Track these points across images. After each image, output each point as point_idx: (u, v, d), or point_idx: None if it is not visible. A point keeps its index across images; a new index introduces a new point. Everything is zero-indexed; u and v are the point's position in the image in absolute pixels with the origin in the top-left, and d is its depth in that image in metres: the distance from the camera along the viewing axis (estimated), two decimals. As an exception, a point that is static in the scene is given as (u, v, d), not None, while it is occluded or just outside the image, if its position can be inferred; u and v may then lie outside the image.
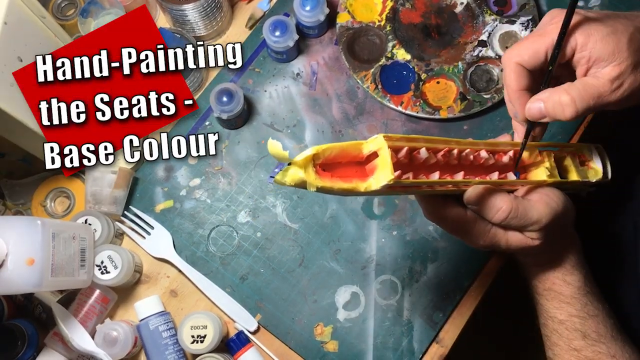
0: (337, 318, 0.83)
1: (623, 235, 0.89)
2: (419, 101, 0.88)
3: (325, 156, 0.55)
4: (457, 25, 0.92)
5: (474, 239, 0.65)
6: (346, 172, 0.57)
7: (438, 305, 0.83)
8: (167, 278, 0.86)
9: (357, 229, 0.86)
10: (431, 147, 0.60)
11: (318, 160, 0.55)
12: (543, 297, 0.72)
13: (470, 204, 0.62)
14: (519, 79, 0.64)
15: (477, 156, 0.64)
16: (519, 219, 0.63)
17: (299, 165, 0.53)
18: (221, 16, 0.91)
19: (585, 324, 0.70)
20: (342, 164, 0.57)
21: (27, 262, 0.66)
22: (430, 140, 0.60)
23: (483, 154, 0.64)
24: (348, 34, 0.91)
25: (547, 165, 0.68)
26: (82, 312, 0.80)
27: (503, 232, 0.66)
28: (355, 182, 0.56)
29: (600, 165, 0.72)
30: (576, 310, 0.70)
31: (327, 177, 0.55)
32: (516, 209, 0.63)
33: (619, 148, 0.96)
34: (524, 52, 0.62)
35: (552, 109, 0.62)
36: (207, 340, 0.78)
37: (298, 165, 0.53)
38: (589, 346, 0.70)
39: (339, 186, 0.55)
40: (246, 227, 0.87)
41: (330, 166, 0.57)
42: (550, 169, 0.68)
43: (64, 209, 0.87)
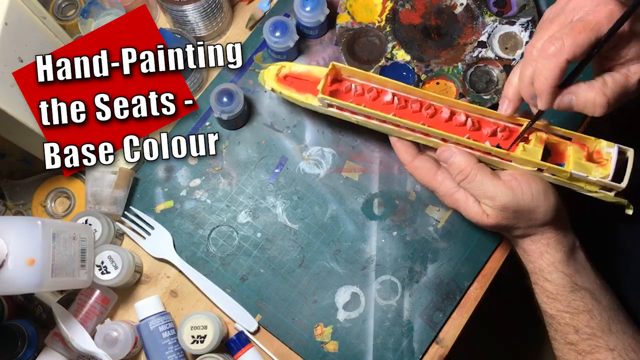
0: (337, 318, 0.83)
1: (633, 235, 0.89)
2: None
3: (291, 70, 0.79)
4: (457, 26, 0.92)
5: (440, 197, 0.72)
6: (307, 89, 0.77)
7: (438, 305, 0.83)
8: (167, 278, 0.86)
9: (357, 230, 0.86)
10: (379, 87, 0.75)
11: (286, 72, 0.79)
12: (534, 290, 0.74)
13: (438, 156, 0.70)
14: (561, 74, 0.61)
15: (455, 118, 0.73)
16: (473, 187, 0.68)
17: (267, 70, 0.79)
18: (221, 17, 0.91)
19: (575, 318, 0.70)
20: (309, 81, 0.78)
21: (28, 262, 0.66)
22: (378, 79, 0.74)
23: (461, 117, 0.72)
24: (348, 35, 0.91)
25: (530, 145, 0.69)
26: (83, 312, 0.80)
27: (465, 199, 0.69)
28: (307, 95, 0.76)
29: (614, 167, 0.67)
30: (564, 306, 0.71)
31: (284, 85, 0.79)
32: (473, 175, 0.67)
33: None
34: (578, 50, 0.60)
35: (584, 105, 0.62)
36: (207, 340, 0.78)
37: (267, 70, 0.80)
38: (583, 340, 0.70)
39: (290, 94, 0.78)
40: (246, 227, 0.87)
41: (297, 80, 0.79)
42: (529, 147, 0.68)
43: (64, 209, 0.87)
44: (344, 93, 0.75)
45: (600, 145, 0.69)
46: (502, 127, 0.72)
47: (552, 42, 0.60)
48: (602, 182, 0.68)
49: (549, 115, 0.85)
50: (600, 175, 0.68)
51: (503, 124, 0.72)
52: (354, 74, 0.75)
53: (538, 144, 0.69)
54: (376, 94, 0.75)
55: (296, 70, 0.79)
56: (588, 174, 0.68)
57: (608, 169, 0.68)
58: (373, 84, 0.75)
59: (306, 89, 0.77)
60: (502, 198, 0.67)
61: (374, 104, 0.75)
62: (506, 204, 0.67)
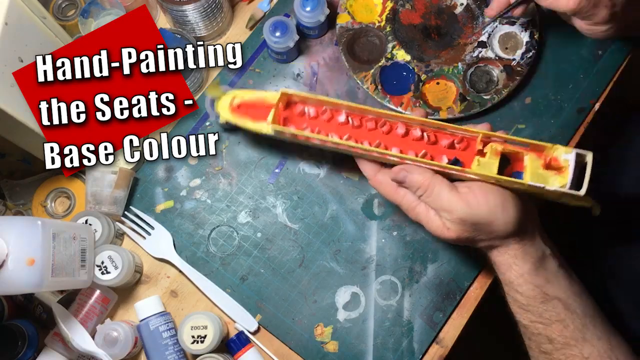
0: (337, 318, 0.83)
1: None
2: (418, 102, 0.88)
3: (244, 99, 0.77)
4: (457, 26, 0.92)
5: (403, 210, 0.72)
6: (264, 116, 0.74)
7: (438, 305, 0.83)
8: (167, 278, 0.86)
9: (357, 230, 0.86)
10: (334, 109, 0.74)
11: (239, 101, 0.77)
12: (507, 300, 0.73)
13: (394, 180, 0.71)
14: None
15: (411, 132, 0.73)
16: (431, 200, 0.68)
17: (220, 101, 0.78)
18: (221, 17, 0.91)
19: (548, 329, 0.70)
20: (264, 107, 0.75)
21: (28, 262, 0.66)
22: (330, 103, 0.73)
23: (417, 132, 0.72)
24: (348, 35, 0.91)
25: (485, 158, 0.68)
26: (83, 312, 0.80)
27: (425, 212, 0.70)
28: (261, 124, 0.74)
29: (571, 174, 0.66)
30: (536, 317, 0.70)
31: (238, 114, 0.77)
32: (431, 189, 0.68)
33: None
34: None
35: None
36: (207, 340, 0.78)
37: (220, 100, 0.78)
38: (557, 350, 0.70)
39: (244, 124, 0.76)
40: (246, 227, 0.87)
41: (251, 108, 0.77)
42: (484, 161, 0.68)
43: (64, 209, 0.87)
44: (297, 117, 0.75)
45: (557, 151, 0.67)
46: (459, 138, 0.71)
47: None
48: (560, 191, 0.66)
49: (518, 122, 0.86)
50: (558, 185, 0.66)
51: (460, 136, 0.71)
52: (305, 100, 0.74)
53: (493, 156, 0.68)
54: (330, 115, 0.74)
55: (249, 98, 0.77)
56: (545, 183, 0.66)
57: (566, 177, 0.66)
58: (326, 106, 0.74)
59: (260, 116, 0.75)
60: (459, 212, 0.66)
61: (329, 125, 0.74)
62: (463, 217, 0.66)
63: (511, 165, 0.71)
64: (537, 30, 0.89)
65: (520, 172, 0.70)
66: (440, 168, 0.69)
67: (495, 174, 0.67)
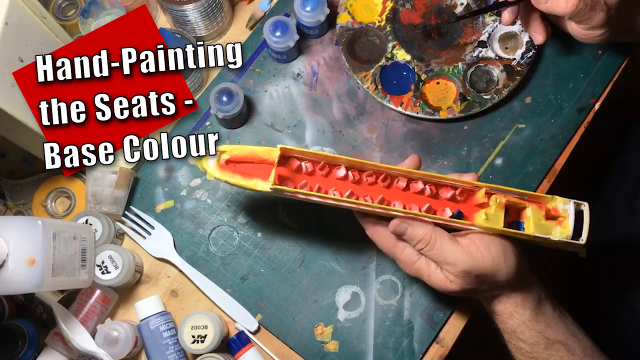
0: (338, 318, 0.83)
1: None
2: (419, 102, 0.88)
3: (233, 155, 0.70)
4: (457, 26, 0.92)
5: (402, 265, 0.70)
6: (256, 171, 0.69)
7: (438, 305, 0.83)
8: (167, 278, 0.86)
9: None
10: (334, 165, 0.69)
11: (227, 157, 0.70)
12: (509, 348, 0.73)
13: (393, 233, 0.68)
14: None
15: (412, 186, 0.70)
16: (434, 254, 0.67)
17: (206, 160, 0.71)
18: (222, 16, 0.91)
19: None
20: (254, 164, 0.70)
21: (28, 262, 0.67)
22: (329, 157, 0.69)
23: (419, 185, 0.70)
24: (348, 35, 0.91)
25: (491, 211, 0.68)
26: (83, 312, 0.80)
27: (427, 267, 0.68)
28: (255, 181, 0.68)
29: (572, 225, 0.68)
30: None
31: (228, 171, 0.70)
32: (433, 242, 0.66)
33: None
34: None
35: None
36: (207, 340, 0.78)
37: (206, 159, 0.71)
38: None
39: (237, 182, 0.69)
40: (247, 227, 0.87)
41: (241, 164, 0.70)
42: (491, 214, 0.67)
43: (64, 209, 0.87)
44: (294, 173, 0.70)
45: (556, 202, 0.69)
46: (460, 190, 0.70)
47: None
48: (564, 241, 0.68)
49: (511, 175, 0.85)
50: (561, 236, 0.68)
51: (460, 187, 0.70)
52: (303, 155, 0.69)
53: (499, 209, 0.68)
54: (328, 169, 0.70)
55: (238, 154, 0.70)
56: (549, 234, 0.68)
57: (567, 227, 0.68)
58: (323, 161, 0.70)
59: (252, 172, 0.70)
60: (462, 264, 0.65)
61: (328, 181, 0.70)
62: (467, 270, 0.65)
63: (509, 214, 0.70)
64: (537, 29, 0.89)
65: (519, 222, 0.70)
66: (446, 222, 0.68)
67: (502, 227, 0.67)
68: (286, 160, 0.70)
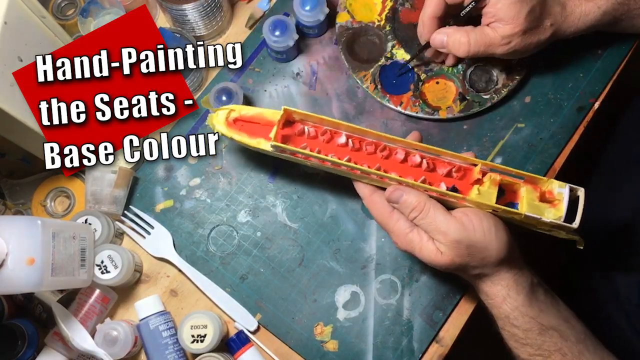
0: (337, 317, 0.83)
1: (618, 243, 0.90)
2: (418, 101, 0.88)
3: (241, 114, 0.75)
4: (457, 25, 0.92)
5: (394, 237, 0.72)
6: (261, 132, 0.74)
7: (438, 304, 0.83)
8: (167, 278, 0.86)
9: (357, 229, 0.86)
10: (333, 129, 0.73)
11: (236, 115, 0.75)
12: (503, 335, 0.73)
13: (388, 200, 0.70)
14: (438, 6, 0.80)
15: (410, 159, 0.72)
16: (427, 223, 0.68)
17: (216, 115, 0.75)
18: (221, 16, 0.91)
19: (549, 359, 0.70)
20: (260, 125, 0.74)
21: (28, 261, 0.67)
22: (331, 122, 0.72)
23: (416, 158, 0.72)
24: (348, 34, 0.91)
25: (484, 187, 0.69)
26: (82, 311, 0.80)
27: (419, 239, 0.69)
28: (259, 140, 0.74)
29: (566, 208, 0.69)
30: (534, 349, 0.70)
31: (234, 129, 0.75)
32: (426, 211, 0.67)
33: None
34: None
35: (452, 44, 0.79)
36: (207, 339, 0.78)
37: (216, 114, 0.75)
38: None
39: (241, 139, 0.74)
40: (246, 226, 0.87)
41: (247, 124, 0.75)
42: (484, 190, 0.68)
43: (64, 208, 0.87)
44: (296, 136, 0.73)
45: (552, 185, 0.70)
46: (456, 167, 0.71)
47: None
48: (555, 223, 0.68)
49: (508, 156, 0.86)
50: (553, 217, 0.68)
51: (458, 165, 0.71)
52: (307, 117, 0.73)
53: (492, 186, 0.69)
54: (330, 136, 0.73)
55: (246, 113, 0.75)
56: (541, 215, 0.68)
57: (560, 210, 0.68)
58: (326, 127, 0.73)
59: (258, 132, 0.74)
60: (454, 233, 0.66)
61: (328, 147, 0.73)
62: (459, 239, 0.66)
63: (505, 196, 0.71)
64: (536, 29, 0.89)
65: (514, 203, 0.71)
66: (440, 194, 0.69)
67: (494, 203, 0.68)
68: (291, 124, 0.74)
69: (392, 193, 0.69)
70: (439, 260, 0.68)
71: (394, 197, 0.69)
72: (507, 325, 0.71)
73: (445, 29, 0.80)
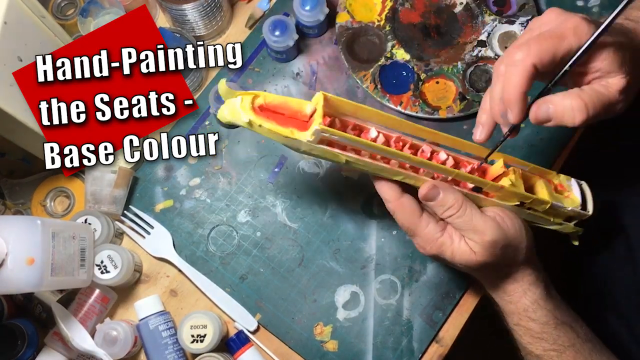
0: (337, 317, 0.83)
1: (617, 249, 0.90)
2: (418, 101, 0.88)
3: (266, 101, 0.63)
4: (457, 26, 0.92)
5: (421, 242, 0.67)
6: (287, 123, 0.63)
7: (438, 304, 0.83)
8: (166, 277, 0.86)
9: (356, 229, 0.86)
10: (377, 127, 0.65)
11: (261, 102, 0.63)
12: (515, 332, 0.72)
13: (421, 197, 0.65)
14: (530, 80, 0.60)
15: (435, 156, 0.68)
16: (464, 221, 0.64)
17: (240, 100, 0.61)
18: (221, 16, 0.91)
19: (562, 355, 0.70)
20: (285, 116, 0.63)
21: (27, 261, 0.66)
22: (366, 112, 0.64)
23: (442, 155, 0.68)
24: (347, 34, 0.91)
25: (511, 178, 0.68)
26: (82, 311, 0.80)
27: (450, 241, 0.66)
28: (292, 129, 0.62)
29: (579, 196, 0.70)
30: (549, 344, 0.70)
31: (263, 116, 0.62)
32: (463, 209, 0.64)
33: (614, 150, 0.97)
34: (544, 55, 0.59)
35: (562, 113, 0.61)
36: (207, 339, 0.78)
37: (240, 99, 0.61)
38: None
39: (272, 127, 0.61)
40: (246, 226, 0.87)
41: (272, 113, 0.63)
42: (513, 181, 0.68)
43: (63, 208, 0.87)
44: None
45: (560, 179, 0.72)
46: (476, 164, 0.69)
47: (518, 48, 0.60)
48: (576, 211, 0.70)
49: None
50: (572, 205, 0.70)
51: (476, 163, 0.70)
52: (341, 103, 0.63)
53: (519, 179, 0.68)
54: (359, 131, 0.66)
55: (272, 101, 0.63)
56: (562, 202, 0.70)
57: (575, 199, 0.70)
58: (359, 119, 0.66)
59: (285, 122, 0.63)
60: (491, 234, 0.64)
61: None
62: (495, 240, 0.64)
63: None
64: (536, 29, 0.89)
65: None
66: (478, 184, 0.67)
67: (525, 192, 0.67)
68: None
69: (429, 191, 0.64)
70: (471, 260, 0.65)
71: (431, 195, 0.64)
72: (524, 319, 0.70)
73: (548, 98, 0.62)
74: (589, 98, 0.60)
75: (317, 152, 0.62)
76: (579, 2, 0.93)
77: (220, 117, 0.63)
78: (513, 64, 0.60)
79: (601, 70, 0.61)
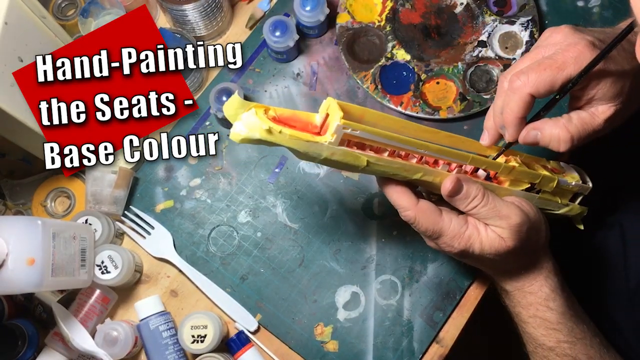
0: (337, 318, 0.83)
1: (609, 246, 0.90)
2: (418, 101, 0.88)
3: (277, 114, 0.61)
4: (457, 26, 0.92)
5: (448, 240, 0.66)
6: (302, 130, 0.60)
7: (438, 305, 0.83)
8: (167, 278, 0.86)
9: (357, 229, 0.86)
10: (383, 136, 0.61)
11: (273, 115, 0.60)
12: (529, 324, 0.72)
13: (447, 192, 0.64)
14: (526, 108, 0.64)
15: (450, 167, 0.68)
16: (489, 209, 0.65)
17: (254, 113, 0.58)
18: (221, 16, 0.91)
19: (574, 348, 0.70)
20: (297, 127, 0.60)
21: (28, 262, 0.66)
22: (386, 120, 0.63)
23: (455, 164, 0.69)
24: (348, 34, 0.91)
25: (517, 160, 0.70)
26: (83, 312, 0.80)
27: (477, 232, 0.66)
28: (310, 135, 0.59)
29: (577, 172, 0.75)
30: (564, 335, 0.70)
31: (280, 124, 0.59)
32: (487, 197, 0.65)
33: (604, 154, 0.97)
34: (542, 86, 0.62)
35: (549, 141, 0.65)
36: (207, 340, 0.78)
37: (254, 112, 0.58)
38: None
39: (292, 132, 0.58)
40: (246, 227, 0.87)
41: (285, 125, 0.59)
42: (520, 164, 0.70)
43: (64, 208, 0.87)
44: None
45: (551, 163, 0.75)
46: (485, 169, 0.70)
47: (519, 76, 0.63)
48: (579, 185, 0.73)
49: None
50: (574, 180, 0.73)
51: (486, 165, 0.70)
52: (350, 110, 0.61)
53: (523, 164, 0.70)
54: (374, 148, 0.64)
55: (282, 114, 0.61)
56: (565, 179, 0.72)
57: (574, 175, 0.74)
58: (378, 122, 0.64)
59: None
60: (515, 217, 0.64)
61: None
62: (520, 222, 0.64)
63: None
64: (537, 29, 0.89)
65: None
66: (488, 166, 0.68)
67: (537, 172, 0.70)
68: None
69: (453, 185, 0.63)
70: (502, 247, 0.65)
71: (456, 188, 0.64)
72: (541, 310, 0.70)
73: (536, 125, 0.66)
74: (575, 129, 0.65)
75: (338, 156, 0.60)
76: (579, 3, 0.93)
77: (234, 137, 0.60)
78: (512, 91, 0.63)
79: (594, 98, 0.64)
